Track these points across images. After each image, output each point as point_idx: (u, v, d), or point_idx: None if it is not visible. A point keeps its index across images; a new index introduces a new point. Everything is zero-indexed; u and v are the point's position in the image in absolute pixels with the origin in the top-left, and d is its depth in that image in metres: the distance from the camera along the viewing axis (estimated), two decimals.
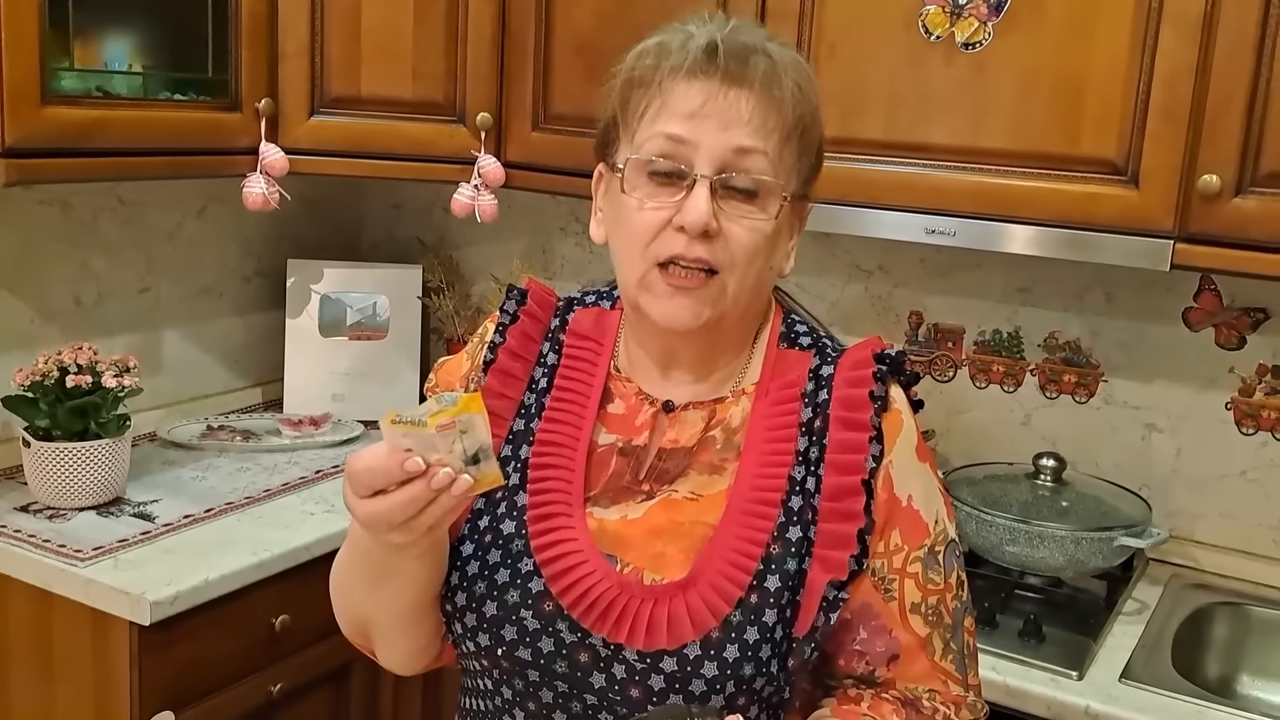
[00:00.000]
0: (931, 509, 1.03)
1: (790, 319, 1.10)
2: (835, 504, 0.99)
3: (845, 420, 1.01)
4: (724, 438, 1.04)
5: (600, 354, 1.09)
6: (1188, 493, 1.95)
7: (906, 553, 1.01)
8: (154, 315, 2.28)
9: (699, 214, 0.96)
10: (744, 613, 0.95)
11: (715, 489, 1.02)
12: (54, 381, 1.82)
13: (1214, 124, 1.53)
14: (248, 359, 2.48)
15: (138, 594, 1.61)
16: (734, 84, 0.97)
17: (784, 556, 0.97)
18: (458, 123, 2.08)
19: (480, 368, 1.10)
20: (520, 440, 1.07)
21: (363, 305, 2.46)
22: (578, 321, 1.12)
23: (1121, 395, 1.99)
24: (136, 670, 1.65)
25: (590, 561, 0.99)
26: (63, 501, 1.85)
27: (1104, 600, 1.80)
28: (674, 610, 0.96)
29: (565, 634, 0.97)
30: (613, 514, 1.02)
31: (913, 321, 2.14)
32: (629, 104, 1.01)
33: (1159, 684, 1.54)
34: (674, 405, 1.06)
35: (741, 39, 0.98)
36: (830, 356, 1.06)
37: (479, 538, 1.03)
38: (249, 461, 2.15)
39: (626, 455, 1.05)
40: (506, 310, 1.12)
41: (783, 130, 0.98)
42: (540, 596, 0.99)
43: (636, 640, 0.96)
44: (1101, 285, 1.97)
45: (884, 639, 1.01)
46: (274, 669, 1.84)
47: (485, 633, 1.00)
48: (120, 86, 1.82)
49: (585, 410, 1.07)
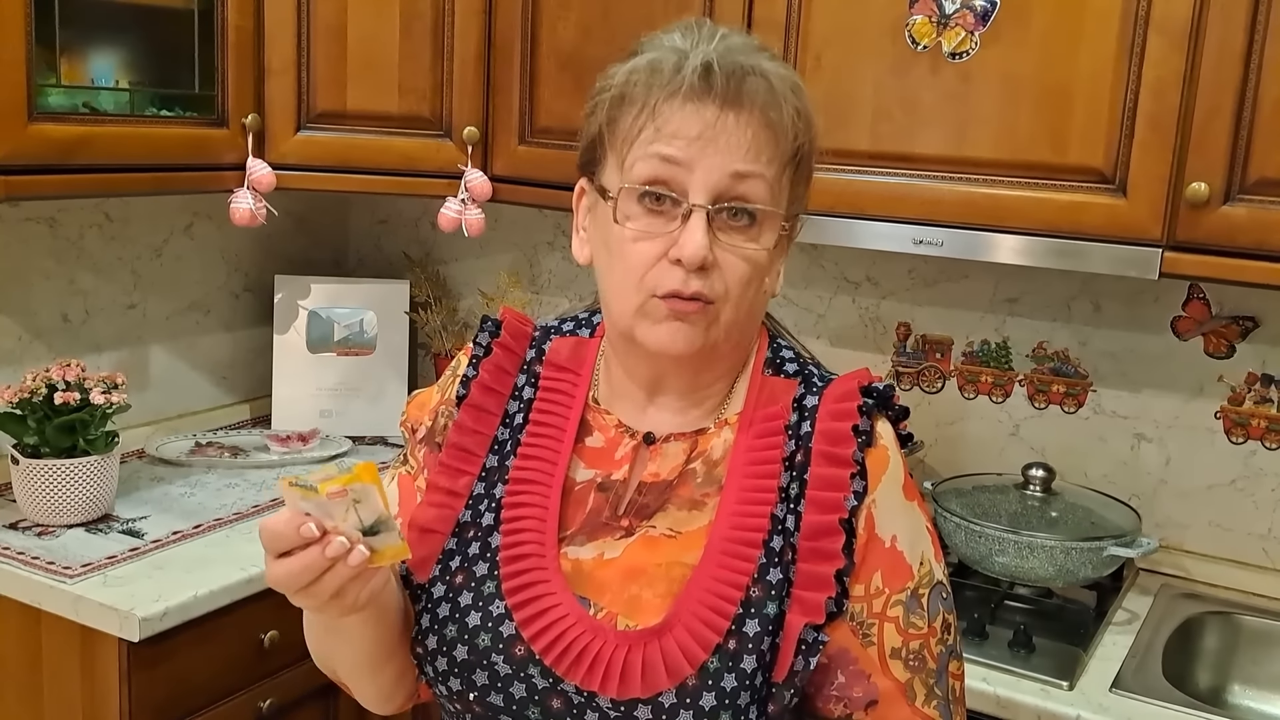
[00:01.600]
0: (916, 550, 0.98)
1: (776, 344, 1.07)
2: (814, 543, 0.94)
3: (827, 455, 0.96)
4: (705, 471, 1.00)
5: (578, 385, 1.06)
6: (1177, 502, 1.95)
7: (887, 596, 0.96)
8: (141, 332, 2.27)
9: (696, 248, 0.92)
10: (722, 659, 0.92)
11: (694, 525, 0.98)
12: (42, 399, 1.82)
13: (1202, 132, 1.54)
14: (235, 375, 2.47)
15: (127, 610, 1.61)
16: (731, 107, 0.93)
17: (764, 600, 0.93)
18: (444, 137, 2.08)
19: (453, 401, 1.07)
20: (494, 478, 1.03)
21: (350, 321, 2.46)
22: (555, 351, 1.08)
23: (1110, 405, 1.99)
24: (126, 687, 1.64)
25: (563, 605, 0.95)
26: (51, 519, 1.84)
27: (1094, 610, 1.80)
28: (648, 657, 0.92)
29: (537, 679, 0.94)
30: (588, 552, 0.99)
31: (901, 333, 2.14)
32: (617, 124, 0.96)
33: (1149, 694, 1.54)
34: (655, 438, 1.02)
35: (737, 58, 0.94)
36: (816, 386, 1.01)
37: (450, 579, 1.00)
38: (237, 477, 2.14)
39: (605, 490, 1.01)
40: (479, 342, 1.08)
41: (781, 158, 0.95)
42: (512, 640, 0.95)
43: (609, 689, 0.92)
44: (1089, 295, 1.98)
45: (862, 684, 0.96)
46: (263, 685, 1.83)
47: (456, 677, 0.97)
48: (107, 103, 1.82)
49: (561, 445, 1.03)
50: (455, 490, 1.04)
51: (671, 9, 1.87)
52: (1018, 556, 1.76)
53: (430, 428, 1.09)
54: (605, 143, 0.98)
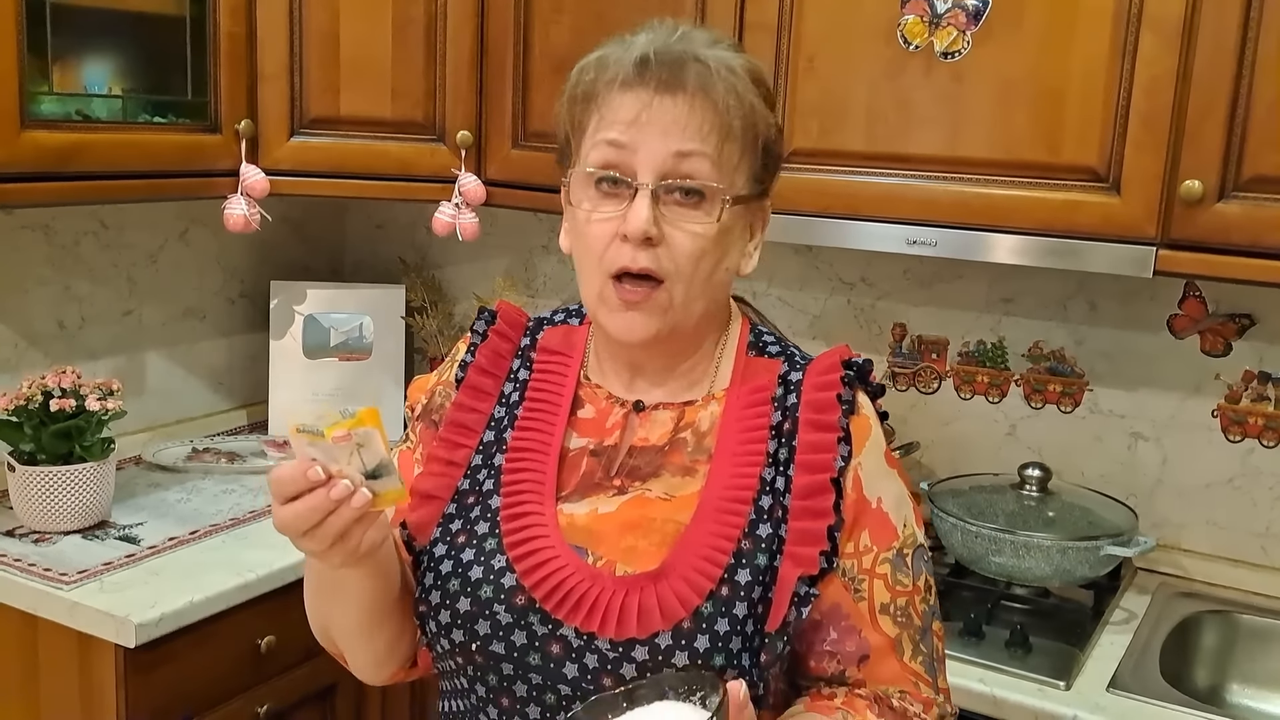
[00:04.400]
0: (900, 514, 1.05)
1: (757, 329, 1.13)
2: (806, 502, 1.01)
3: (814, 422, 1.03)
4: (694, 441, 1.06)
5: (569, 365, 1.13)
6: (1174, 501, 1.95)
7: (875, 554, 1.02)
8: (137, 338, 2.27)
9: (639, 221, 0.98)
10: (715, 605, 0.97)
11: (687, 490, 1.04)
12: (38, 406, 1.82)
13: (1195, 129, 1.53)
14: (232, 381, 2.47)
15: (123, 616, 1.61)
16: (667, 91, 0.99)
17: (754, 552, 0.99)
18: (437, 142, 2.08)
19: (451, 383, 1.14)
20: (492, 450, 1.09)
21: (346, 326, 2.45)
22: (547, 339, 1.15)
23: (1107, 404, 1.99)
24: (123, 693, 1.64)
25: (561, 555, 1.01)
26: (48, 525, 1.84)
27: (1091, 610, 1.79)
28: (644, 601, 0.98)
29: (537, 626, 0.99)
30: (582, 508, 1.05)
31: (896, 334, 2.14)
32: (574, 119, 1.04)
33: (1147, 693, 1.54)
34: (644, 405, 1.08)
35: (678, 47, 1.00)
36: (799, 364, 1.08)
37: (452, 539, 1.05)
38: (234, 483, 2.14)
39: (598, 455, 1.08)
40: (477, 330, 1.16)
41: (720, 130, 0.99)
42: (513, 591, 1.00)
43: (608, 630, 0.97)
44: (1085, 294, 1.98)
45: (854, 639, 1.02)
46: (260, 690, 1.83)
47: (459, 629, 1.01)
48: (100, 110, 1.82)
49: (556, 417, 1.09)
50: (454, 461, 1.10)
51: (666, 12, 1.87)
52: (1014, 556, 1.76)
53: (426, 405, 1.16)
54: (571, 138, 1.05)
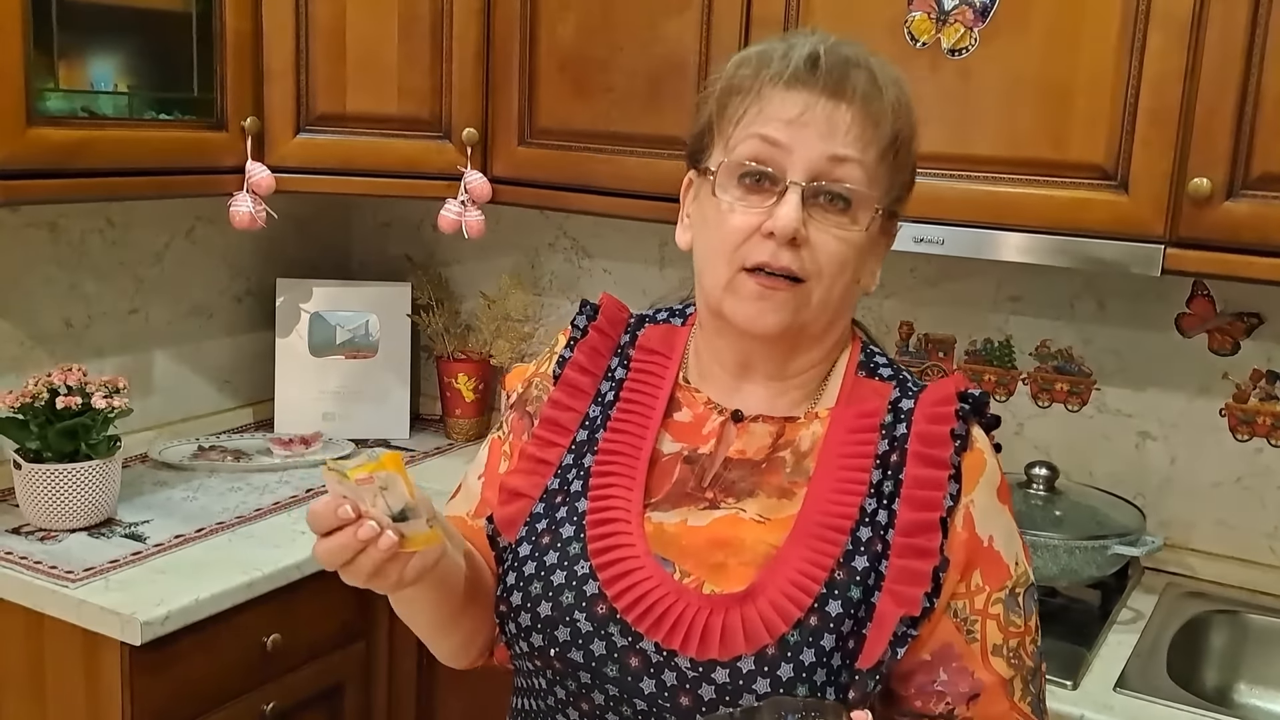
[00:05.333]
0: (1012, 551, 1.02)
1: (869, 350, 1.10)
2: (910, 540, 0.97)
3: (924, 456, 1.00)
4: (794, 461, 1.03)
5: (668, 366, 1.10)
6: (1182, 500, 1.94)
7: (988, 594, 1.00)
8: (144, 336, 2.27)
9: (789, 220, 0.96)
10: (802, 634, 0.94)
11: (784, 513, 1.01)
12: (44, 403, 1.82)
13: (1204, 127, 1.53)
14: (238, 379, 2.47)
15: (129, 614, 1.60)
16: (834, 95, 0.97)
17: (848, 583, 0.96)
18: (444, 139, 2.08)
19: (548, 375, 1.13)
20: (584, 450, 1.07)
21: (352, 324, 2.45)
22: (647, 337, 1.12)
23: (1114, 403, 1.98)
24: (128, 691, 1.64)
25: (646, 567, 0.99)
26: (54, 523, 1.84)
27: (1099, 609, 1.79)
28: (729, 622, 0.95)
29: (617, 637, 0.97)
30: (672, 517, 1.02)
31: (903, 332, 2.13)
32: (726, 110, 1.01)
33: (1154, 693, 1.53)
34: (743, 415, 1.05)
35: (844, 51, 0.99)
36: (911, 391, 1.04)
37: (536, 539, 1.04)
38: (240, 481, 2.14)
39: (691, 463, 1.05)
40: (577, 325, 1.14)
41: (880, 144, 0.98)
42: (595, 599, 0.98)
43: (689, 648, 0.95)
44: (1093, 293, 1.97)
45: (966, 680, 0.99)
46: (266, 688, 1.83)
47: (539, 633, 1.00)
48: (106, 107, 1.82)
49: (650, 420, 1.07)
50: (546, 459, 1.08)
51: (672, 9, 1.87)
52: None
53: (522, 394, 1.15)
54: (714, 129, 1.03)
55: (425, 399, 2.62)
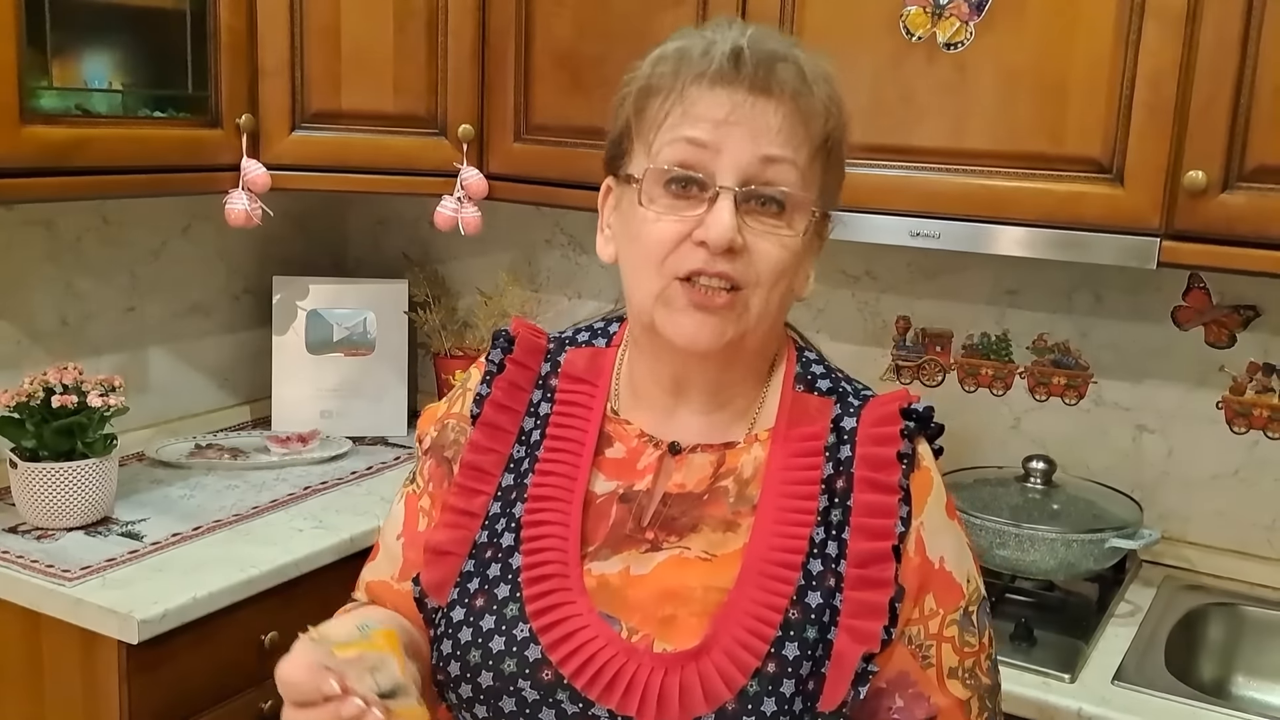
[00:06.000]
0: (963, 569, 0.98)
1: (805, 357, 1.04)
2: (863, 571, 0.93)
3: (871, 481, 0.95)
4: (736, 490, 0.98)
5: (595, 396, 1.03)
6: (1179, 493, 1.94)
7: (942, 616, 0.96)
8: (140, 335, 2.27)
9: (722, 229, 0.90)
10: (761, 683, 0.90)
11: (729, 548, 0.96)
12: (40, 402, 1.81)
13: (1199, 120, 1.52)
14: (235, 377, 2.47)
15: (126, 613, 1.60)
16: (761, 92, 0.91)
17: (803, 623, 0.92)
18: (439, 135, 2.08)
19: (465, 416, 1.05)
20: (512, 496, 1.01)
21: (349, 321, 2.45)
22: (570, 364, 1.05)
23: (1111, 396, 1.98)
24: (126, 689, 1.63)
25: (591, 626, 0.93)
26: (50, 522, 1.84)
27: (1096, 603, 1.79)
28: (685, 681, 0.90)
29: (566, 705, 0.91)
30: (614, 566, 0.96)
31: (900, 326, 2.13)
32: (645, 113, 0.95)
33: (1152, 686, 1.53)
34: (680, 447, 1.00)
35: (769, 46, 0.93)
36: (853, 406, 0.99)
37: (470, 602, 0.97)
38: (237, 479, 2.14)
39: (628, 502, 0.99)
40: (492, 359, 1.06)
41: (812, 144, 0.93)
42: (538, 664, 0.92)
43: (646, 713, 0.90)
44: (1090, 286, 1.97)
45: (923, 706, 0.96)
46: (264, 686, 1.82)
47: (482, 704, 0.94)
48: (100, 105, 1.82)
49: (580, 459, 1.00)
50: (470, 510, 1.01)
51: (667, 4, 1.87)
52: (1019, 549, 1.75)
53: (436, 439, 1.07)
54: (632, 133, 0.97)
55: (423, 396, 2.61)
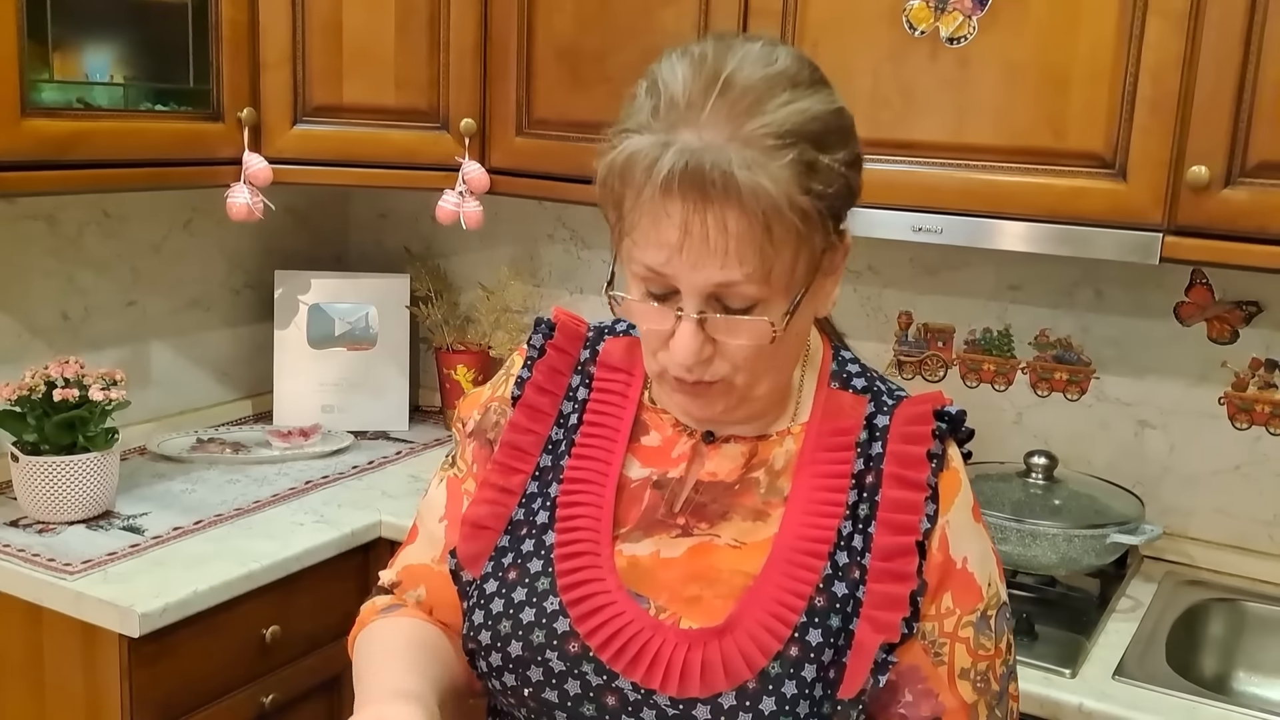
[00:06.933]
0: (985, 572, 1.00)
1: (841, 356, 1.05)
2: (887, 564, 0.95)
3: (900, 478, 0.97)
4: (768, 481, 1.00)
5: (631, 385, 1.06)
6: (1181, 489, 1.94)
7: (959, 616, 0.98)
8: (142, 329, 2.27)
9: (684, 356, 0.91)
10: (783, 665, 0.92)
11: (759, 536, 0.98)
12: (41, 396, 1.81)
13: (1202, 115, 1.52)
14: (237, 371, 2.47)
15: (127, 606, 1.60)
16: (710, 206, 0.85)
17: (828, 611, 0.94)
18: (441, 129, 2.07)
19: (506, 399, 1.09)
20: (549, 477, 1.04)
21: (351, 316, 2.45)
22: (608, 353, 1.08)
23: (1113, 392, 1.98)
24: (127, 683, 1.64)
25: (619, 602, 0.96)
26: (52, 515, 1.84)
27: (1097, 598, 1.79)
28: (708, 657, 0.93)
29: (592, 676, 0.94)
30: (644, 548, 0.99)
31: (902, 322, 2.13)
32: (613, 209, 0.92)
33: (1153, 681, 1.53)
34: (714, 437, 1.02)
35: (707, 158, 0.84)
36: (886, 405, 1.01)
37: (503, 575, 1.00)
38: (238, 473, 2.14)
39: (661, 488, 1.02)
40: (533, 344, 1.09)
41: (762, 247, 0.86)
42: (566, 637, 0.96)
43: (669, 687, 0.92)
44: (1091, 282, 1.96)
45: (930, 703, 0.97)
46: (265, 680, 1.83)
47: (510, 672, 0.97)
48: (101, 98, 1.81)
49: (615, 444, 1.03)
50: (509, 488, 1.04)
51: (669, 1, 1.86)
52: (1020, 545, 1.75)
53: (480, 422, 1.10)
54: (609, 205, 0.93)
55: (425, 390, 2.61)
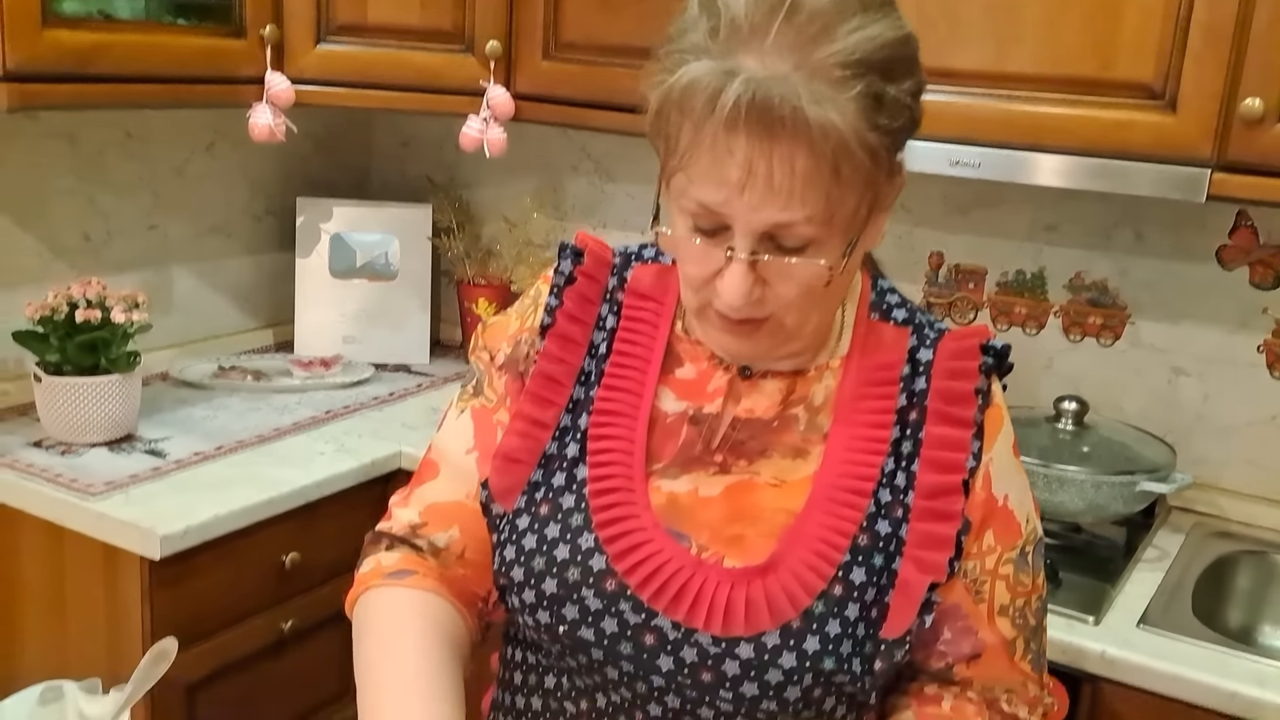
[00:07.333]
0: (1024, 508, 0.99)
1: (880, 286, 1.01)
2: (931, 503, 0.93)
3: (945, 415, 0.94)
4: (807, 418, 0.97)
5: (661, 314, 1.02)
6: (1214, 439, 1.90)
7: (1000, 554, 0.97)
8: (163, 253, 2.25)
9: (733, 297, 0.87)
10: (827, 604, 0.91)
11: (799, 474, 0.96)
12: (64, 316, 1.81)
13: (1259, 43, 1.46)
14: (258, 299, 2.45)
15: (148, 528, 1.60)
16: (763, 146, 0.80)
17: (871, 550, 0.92)
18: (466, 52, 2.03)
19: (535, 330, 1.04)
20: (580, 410, 1.01)
21: (373, 246, 2.42)
22: (636, 279, 1.03)
23: (1148, 338, 1.93)
24: (148, 605, 1.64)
25: (656, 540, 0.94)
26: (74, 437, 1.84)
27: (1123, 547, 1.76)
28: (752, 596, 0.91)
29: (630, 614, 0.92)
30: (682, 485, 0.97)
31: (933, 262, 2.08)
32: (664, 141, 0.87)
33: (1178, 630, 1.50)
34: (751, 371, 0.98)
35: (776, 90, 0.79)
36: (929, 339, 0.98)
37: (535, 510, 0.98)
38: (260, 401, 2.13)
39: (697, 424, 0.98)
40: (561, 270, 1.04)
41: (828, 177, 0.82)
42: (603, 575, 0.93)
43: (713, 625, 0.91)
44: (1131, 223, 1.91)
45: (970, 640, 0.97)
46: (285, 606, 1.83)
47: (544, 610, 0.95)
48: (122, 9, 1.78)
49: (646, 375, 1.00)
50: (542, 420, 1.01)
51: None
52: (1047, 490, 1.72)
53: (511, 355, 1.05)
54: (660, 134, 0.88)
55: (445, 325, 2.59)
